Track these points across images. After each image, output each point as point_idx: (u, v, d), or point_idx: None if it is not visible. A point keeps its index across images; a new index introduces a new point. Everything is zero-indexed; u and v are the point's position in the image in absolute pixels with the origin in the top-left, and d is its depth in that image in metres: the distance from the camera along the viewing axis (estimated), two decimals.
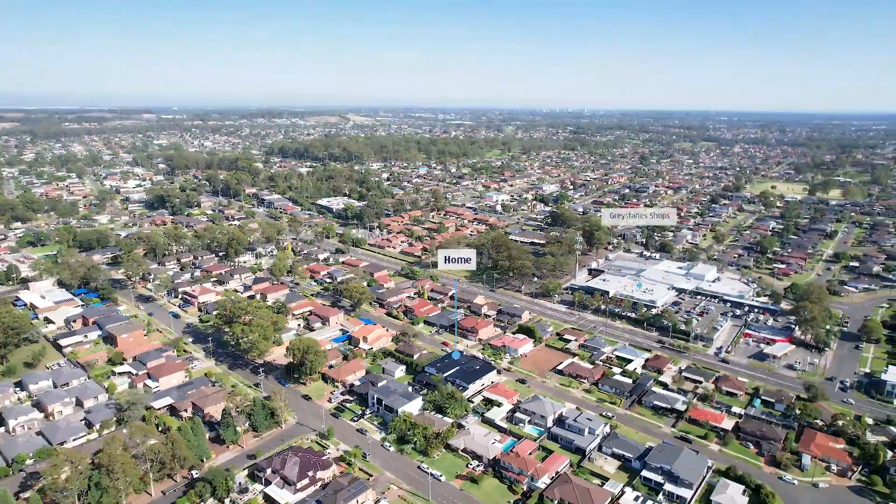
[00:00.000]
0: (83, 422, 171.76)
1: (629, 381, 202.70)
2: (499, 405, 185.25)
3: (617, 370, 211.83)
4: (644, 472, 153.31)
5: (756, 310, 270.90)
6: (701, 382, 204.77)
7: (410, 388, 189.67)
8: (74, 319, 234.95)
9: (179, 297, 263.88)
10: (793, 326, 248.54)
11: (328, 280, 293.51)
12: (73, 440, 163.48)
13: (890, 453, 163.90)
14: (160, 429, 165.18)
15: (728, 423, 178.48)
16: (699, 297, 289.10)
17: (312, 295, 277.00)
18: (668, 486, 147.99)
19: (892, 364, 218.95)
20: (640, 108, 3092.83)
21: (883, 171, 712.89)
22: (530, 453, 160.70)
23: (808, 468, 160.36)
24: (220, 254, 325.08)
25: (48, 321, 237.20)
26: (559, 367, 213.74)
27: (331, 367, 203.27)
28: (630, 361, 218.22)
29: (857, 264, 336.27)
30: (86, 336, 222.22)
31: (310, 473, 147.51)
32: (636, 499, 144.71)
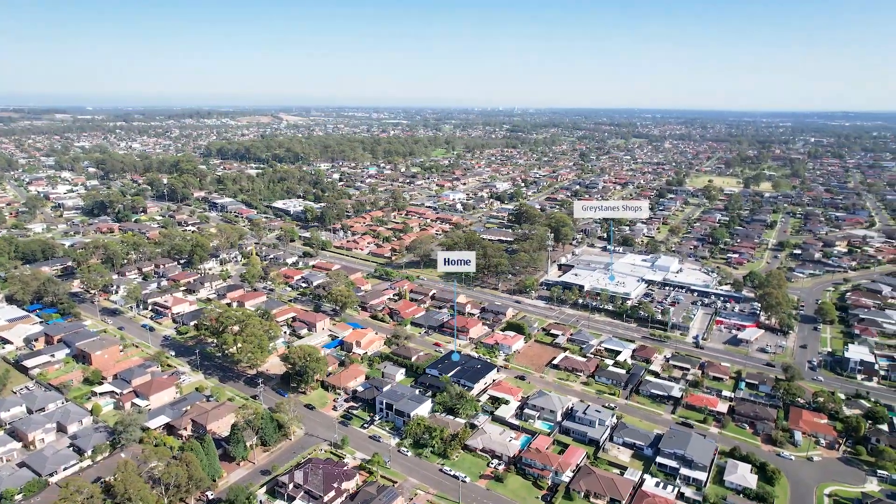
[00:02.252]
0: (71, 448, 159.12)
1: (623, 371, 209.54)
2: (506, 402, 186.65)
3: (609, 362, 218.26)
4: (659, 459, 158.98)
5: (722, 298, 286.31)
6: (689, 369, 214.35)
7: (417, 391, 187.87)
8: (36, 338, 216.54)
9: (150, 308, 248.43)
10: (757, 312, 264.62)
11: (303, 284, 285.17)
12: (64, 469, 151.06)
13: (868, 425, 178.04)
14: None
15: (723, 407, 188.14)
16: (667, 287, 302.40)
17: (290, 300, 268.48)
18: (684, 470, 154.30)
19: (849, 342, 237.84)
20: (568, 107, 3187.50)
21: (800, 165, 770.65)
22: (548, 448, 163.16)
23: (801, 444, 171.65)
24: (182, 261, 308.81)
25: (4, 341, 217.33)
26: (554, 362, 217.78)
27: (329, 374, 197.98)
28: (619, 353, 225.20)
29: (799, 252, 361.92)
30: (53, 355, 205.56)
31: (335, 485, 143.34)
32: (657, 484, 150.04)
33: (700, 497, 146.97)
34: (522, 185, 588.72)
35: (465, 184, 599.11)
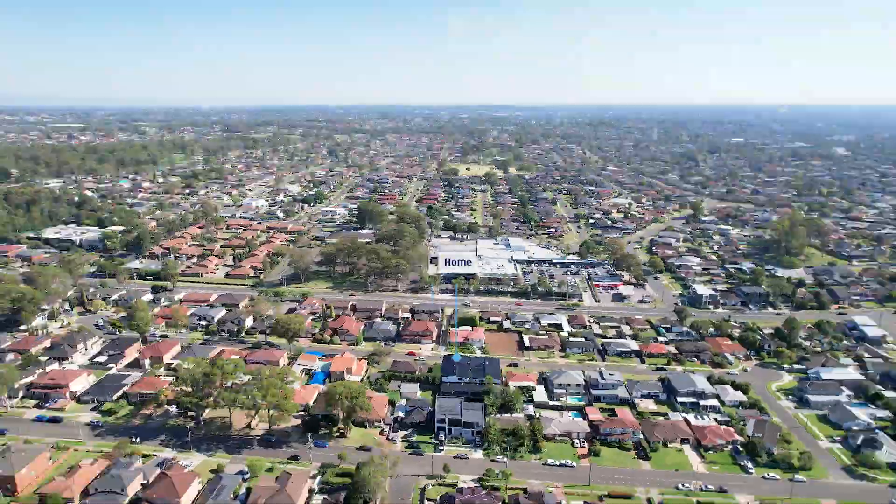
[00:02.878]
0: None
1: (583, 339, 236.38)
2: (533, 389, 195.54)
3: (564, 333, 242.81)
4: (680, 399, 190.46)
5: (580, 266, 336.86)
6: (618, 326, 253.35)
7: (461, 400, 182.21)
8: None
9: (32, 394, 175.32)
10: (615, 273, 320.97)
11: (202, 322, 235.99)
12: None
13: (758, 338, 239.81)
14: None
15: (671, 349, 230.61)
16: (532, 264, 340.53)
17: (203, 342, 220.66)
18: (701, 402, 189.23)
19: (689, 284, 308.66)
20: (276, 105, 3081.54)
21: (516, 150, 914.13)
22: (602, 416, 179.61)
23: (733, 362, 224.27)
24: None
25: None
26: (526, 344, 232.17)
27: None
28: (560, 325, 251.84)
29: (593, 221, 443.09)
30: None
31: None
32: (695, 417, 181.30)
33: (726, 418, 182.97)
34: (312, 186, 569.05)
35: (250, 189, 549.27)
